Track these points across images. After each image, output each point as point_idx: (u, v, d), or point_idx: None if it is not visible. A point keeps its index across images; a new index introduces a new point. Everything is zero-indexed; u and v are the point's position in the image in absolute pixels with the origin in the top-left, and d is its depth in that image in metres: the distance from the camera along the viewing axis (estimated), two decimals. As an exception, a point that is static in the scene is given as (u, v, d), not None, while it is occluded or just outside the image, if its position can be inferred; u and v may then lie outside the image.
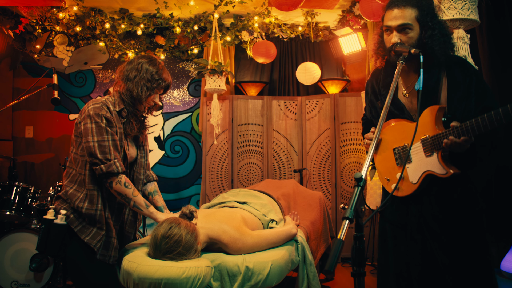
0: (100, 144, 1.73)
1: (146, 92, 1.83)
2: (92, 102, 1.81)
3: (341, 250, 0.97)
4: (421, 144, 1.58)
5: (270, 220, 2.18)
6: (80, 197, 1.78)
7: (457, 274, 1.55)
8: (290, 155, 4.28)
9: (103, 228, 1.79)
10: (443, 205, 1.61)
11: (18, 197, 3.15)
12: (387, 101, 1.36)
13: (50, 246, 1.74)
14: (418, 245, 1.63)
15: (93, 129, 1.74)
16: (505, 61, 2.62)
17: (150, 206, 1.82)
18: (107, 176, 1.73)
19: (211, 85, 3.81)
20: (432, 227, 1.61)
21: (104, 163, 1.72)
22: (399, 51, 1.54)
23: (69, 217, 1.77)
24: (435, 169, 1.54)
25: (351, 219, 1.04)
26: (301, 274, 2.04)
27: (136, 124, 1.90)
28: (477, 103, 1.57)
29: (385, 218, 1.78)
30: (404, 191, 1.65)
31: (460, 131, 1.45)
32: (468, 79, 1.58)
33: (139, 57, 1.88)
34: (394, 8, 1.61)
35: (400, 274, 1.68)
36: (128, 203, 1.77)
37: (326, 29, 4.49)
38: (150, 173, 2.08)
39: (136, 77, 1.82)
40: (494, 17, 2.65)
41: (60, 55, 4.54)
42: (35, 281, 2.95)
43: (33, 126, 4.48)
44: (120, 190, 1.75)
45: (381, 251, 1.79)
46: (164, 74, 1.88)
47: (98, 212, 1.78)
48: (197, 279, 1.55)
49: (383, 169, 1.74)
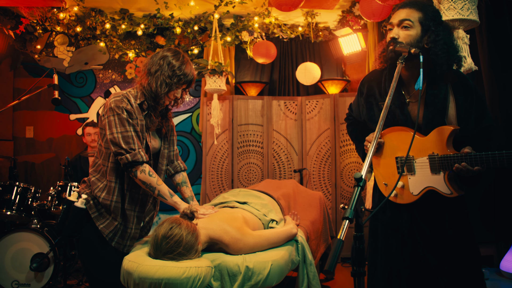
0: (124, 135, 1.78)
1: (164, 88, 1.82)
2: (114, 95, 1.84)
3: (341, 250, 0.97)
4: (428, 160, 1.58)
5: (271, 220, 2.18)
6: (100, 187, 1.85)
7: (449, 275, 1.58)
8: (290, 155, 4.28)
9: (117, 219, 1.85)
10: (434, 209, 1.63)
11: (19, 197, 3.15)
12: (386, 101, 1.36)
13: (67, 226, 1.82)
14: (408, 248, 1.65)
15: (116, 121, 1.79)
16: (505, 61, 2.63)
17: (174, 195, 1.86)
18: (132, 165, 1.78)
19: (211, 85, 3.81)
20: (425, 231, 1.63)
21: (129, 153, 1.77)
22: (399, 51, 1.54)
23: (89, 203, 1.84)
24: (439, 188, 1.55)
25: (351, 219, 1.04)
26: (301, 274, 2.04)
27: (156, 118, 1.92)
28: (477, 123, 1.59)
29: (377, 218, 1.78)
30: (404, 199, 1.66)
31: (474, 161, 1.46)
32: (470, 98, 1.60)
33: (164, 50, 1.88)
34: (400, 9, 1.65)
35: (390, 274, 1.69)
36: (152, 192, 1.82)
37: (326, 29, 4.50)
38: (179, 163, 2.12)
39: (157, 72, 1.82)
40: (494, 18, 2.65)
41: (60, 55, 4.55)
42: (36, 281, 2.95)
43: (34, 126, 4.49)
44: (145, 179, 1.79)
45: (371, 250, 1.80)
46: (187, 69, 1.87)
47: (114, 204, 1.84)
48: (198, 279, 1.55)
49: (383, 173, 1.74)
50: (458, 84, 1.63)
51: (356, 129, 1.97)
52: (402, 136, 1.67)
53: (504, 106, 2.62)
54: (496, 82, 2.64)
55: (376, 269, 1.75)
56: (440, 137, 1.56)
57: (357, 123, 1.97)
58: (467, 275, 1.58)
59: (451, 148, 1.55)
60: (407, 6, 1.63)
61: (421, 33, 1.60)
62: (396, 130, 1.69)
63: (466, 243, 1.61)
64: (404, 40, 1.59)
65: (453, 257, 1.59)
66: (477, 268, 1.61)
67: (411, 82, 1.69)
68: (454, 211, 1.63)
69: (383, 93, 1.75)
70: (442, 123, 1.60)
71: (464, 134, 1.57)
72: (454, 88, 1.62)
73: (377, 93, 1.77)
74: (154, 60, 1.85)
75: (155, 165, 2.00)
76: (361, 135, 1.89)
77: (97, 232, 1.84)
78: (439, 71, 1.59)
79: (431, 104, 1.62)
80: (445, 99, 1.61)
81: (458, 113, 1.60)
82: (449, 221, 1.62)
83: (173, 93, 1.87)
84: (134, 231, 1.90)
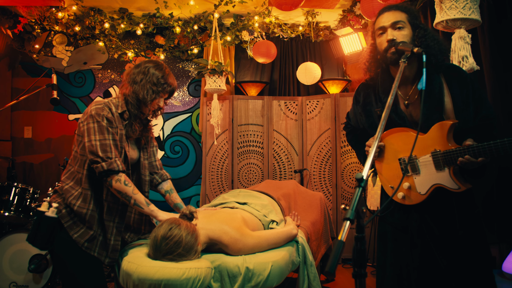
0: (102, 142, 1.76)
1: (151, 95, 1.86)
2: (95, 103, 1.84)
3: (342, 251, 0.96)
4: (431, 158, 1.57)
5: (271, 220, 2.17)
6: (74, 195, 1.80)
7: (459, 277, 1.56)
8: (290, 155, 4.27)
9: (92, 228, 1.80)
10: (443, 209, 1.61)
11: (17, 197, 3.13)
12: (388, 101, 1.35)
13: (39, 238, 1.76)
14: (418, 249, 1.64)
15: (95, 128, 1.77)
16: (507, 61, 2.61)
17: (150, 204, 1.83)
18: (107, 174, 1.75)
19: (211, 85, 3.80)
20: (434, 231, 1.62)
21: (105, 161, 1.74)
22: (401, 49, 1.54)
23: (61, 212, 1.78)
24: (446, 184, 1.54)
25: (352, 220, 1.02)
26: (302, 275, 2.03)
27: (139, 127, 1.93)
28: (475, 113, 1.59)
29: (386, 221, 1.78)
30: (412, 200, 1.64)
31: (477, 152, 1.44)
32: (466, 89, 1.60)
33: (146, 62, 1.93)
34: (385, 12, 1.67)
35: (400, 275, 1.68)
36: (128, 201, 1.78)
37: (327, 28, 4.48)
38: (163, 172, 2.14)
39: (143, 80, 1.86)
40: (496, 17, 2.64)
41: (59, 55, 4.53)
42: (34, 282, 2.93)
43: (32, 127, 4.47)
44: (120, 188, 1.76)
45: (380, 253, 1.79)
46: (170, 79, 1.93)
47: (90, 212, 1.79)
48: (197, 280, 1.54)
49: (388, 177, 1.73)
50: (452, 76, 1.63)
51: (356, 136, 1.97)
52: (402, 137, 1.66)
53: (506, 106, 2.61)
54: (498, 82, 2.63)
55: (385, 272, 1.74)
56: (440, 133, 1.55)
57: (355, 131, 1.98)
58: (478, 277, 1.56)
59: (453, 142, 1.54)
60: (391, 9, 1.67)
61: (412, 32, 1.64)
62: (395, 132, 1.69)
63: (477, 244, 1.59)
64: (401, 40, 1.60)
65: (463, 258, 1.57)
66: (488, 270, 1.59)
67: (407, 83, 1.69)
68: (464, 211, 1.61)
69: (378, 99, 1.75)
70: (440, 118, 1.59)
71: (465, 127, 1.56)
72: (448, 80, 1.62)
73: (373, 99, 1.77)
74: (137, 70, 1.88)
75: (138, 177, 1.99)
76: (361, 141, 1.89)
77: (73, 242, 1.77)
78: (433, 61, 1.60)
79: (427, 100, 1.61)
80: (440, 93, 1.61)
81: (455, 105, 1.59)
82: (459, 222, 1.60)
83: (157, 101, 1.91)
84: (114, 243, 1.83)
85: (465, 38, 2.15)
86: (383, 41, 1.65)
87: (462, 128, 1.56)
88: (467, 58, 2.16)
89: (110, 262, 1.83)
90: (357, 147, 1.93)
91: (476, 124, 1.59)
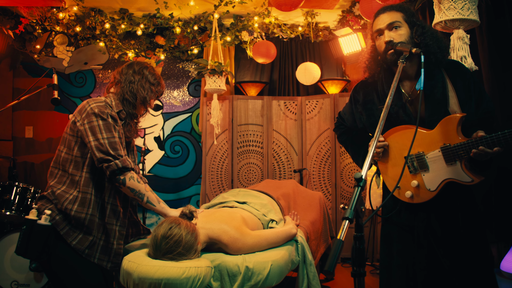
0: (111, 140, 1.69)
1: (150, 94, 1.89)
2: (93, 100, 1.77)
3: (341, 250, 0.97)
4: (441, 153, 1.55)
5: (270, 220, 2.18)
6: (69, 199, 1.69)
7: (462, 277, 1.55)
8: (290, 155, 4.28)
9: (91, 233, 1.71)
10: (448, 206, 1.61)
11: (18, 197, 3.15)
12: (387, 101, 1.36)
13: (31, 248, 1.61)
14: (424, 250, 1.63)
15: (101, 126, 1.70)
16: (505, 61, 2.62)
17: (161, 201, 1.81)
18: (121, 171, 1.68)
19: (211, 85, 3.81)
20: (436, 232, 1.61)
21: (117, 159, 1.68)
22: (400, 50, 1.55)
23: (55, 219, 1.67)
24: (459, 178, 1.52)
25: (351, 219, 1.03)
26: (301, 274, 2.04)
27: (135, 127, 1.91)
28: (476, 106, 1.59)
29: (392, 221, 1.74)
30: (421, 198, 1.61)
31: (491, 142, 1.43)
32: (467, 82, 1.60)
33: (137, 63, 1.94)
34: (380, 14, 1.68)
35: (407, 276, 1.66)
36: (141, 199, 1.73)
37: (326, 29, 4.49)
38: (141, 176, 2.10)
39: (141, 80, 1.86)
40: (494, 17, 2.65)
41: (60, 55, 4.54)
42: (35, 281, 2.95)
43: (33, 126, 4.48)
44: (134, 186, 1.71)
45: (384, 255, 1.76)
46: (162, 80, 1.98)
47: (89, 217, 1.71)
48: (197, 279, 1.55)
49: (394, 176, 1.69)
50: (453, 70, 1.64)
51: (351, 137, 1.94)
52: (407, 135, 1.63)
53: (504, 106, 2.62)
54: (496, 82, 2.64)
55: (391, 274, 1.72)
56: (449, 127, 1.53)
57: (350, 132, 1.94)
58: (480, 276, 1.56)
59: (462, 135, 1.52)
60: (386, 10, 1.67)
61: (409, 30, 1.64)
62: (398, 130, 1.67)
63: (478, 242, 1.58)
64: (399, 40, 1.61)
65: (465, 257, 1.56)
66: (489, 269, 1.59)
67: (410, 80, 1.69)
68: (467, 208, 1.61)
69: (381, 97, 1.73)
70: (446, 112, 1.58)
71: (469, 120, 1.55)
72: (450, 75, 1.62)
73: (376, 97, 1.75)
74: (131, 71, 1.88)
75: None
76: (358, 142, 1.87)
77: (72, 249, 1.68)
78: (433, 59, 1.60)
79: (430, 95, 1.61)
80: (443, 88, 1.61)
81: (460, 98, 1.59)
82: (462, 219, 1.59)
83: (153, 101, 1.94)
84: (117, 246, 1.78)
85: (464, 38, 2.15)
86: (381, 43, 1.65)
87: (466, 121, 1.54)
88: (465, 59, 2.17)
89: (112, 267, 1.77)
90: (353, 148, 1.90)
91: (479, 118, 1.59)
